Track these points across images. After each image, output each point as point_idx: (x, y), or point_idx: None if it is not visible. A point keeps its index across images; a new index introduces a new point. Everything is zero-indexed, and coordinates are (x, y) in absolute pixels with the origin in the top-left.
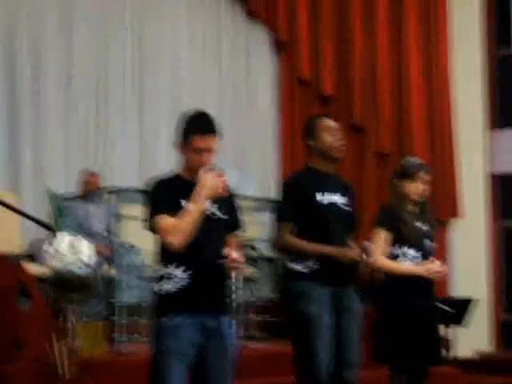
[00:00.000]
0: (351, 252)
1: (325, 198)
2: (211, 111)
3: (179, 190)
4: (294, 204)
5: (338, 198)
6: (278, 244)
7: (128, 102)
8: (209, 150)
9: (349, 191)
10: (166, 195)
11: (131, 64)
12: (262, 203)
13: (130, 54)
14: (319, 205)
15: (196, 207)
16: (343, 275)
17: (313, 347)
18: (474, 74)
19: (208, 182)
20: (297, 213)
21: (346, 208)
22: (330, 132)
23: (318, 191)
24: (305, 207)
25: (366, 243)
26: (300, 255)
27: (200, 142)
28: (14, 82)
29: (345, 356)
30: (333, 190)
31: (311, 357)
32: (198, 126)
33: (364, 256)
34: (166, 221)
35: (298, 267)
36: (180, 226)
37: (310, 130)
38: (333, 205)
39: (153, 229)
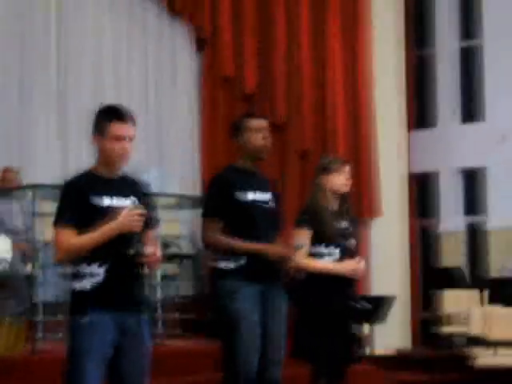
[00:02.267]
0: (280, 249)
1: (250, 195)
2: (134, 107)
3: (92, 187)
4: (220, 201)
5: (262, 196)
6: (206, 241)
7: (51, 101)
8: (128, 138)
9: (273, 189)
10: (73, 200)
11: (54, 61)
12: (184, 200)
13: (54, 50)
14: (244, 202)
15: (99, 237)
16: (270, 272)
17: (240, 345)
18: (393, 74)
19: (124, 220)
20: (222, 209)
21: (271, 206)
22: (258, 132)
23: (244, 189)
24: (230, 204)
25: (299, 242)
26: (227, 252)
27: (119, 128)
28: None
29: (270, 354)
30: (258, 188)
31: (239, 354)
32: (115, 114)
33: (291, 254)
34: (60, 235)
35: (226, 264)
36: (69, 247)
37: (237, 129)
38: (257, 202)
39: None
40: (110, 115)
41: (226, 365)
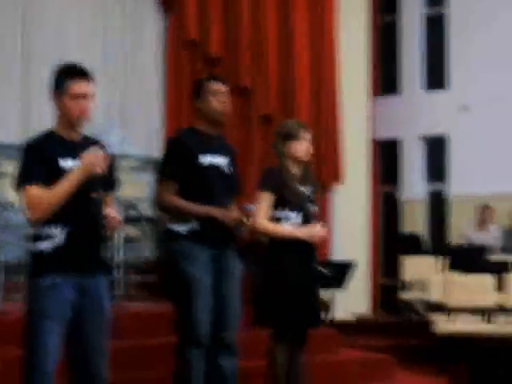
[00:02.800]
0: (232, 214)
1: (207, 159)
2: (97, 70)
3: (54, 149)
4: (177, 163)
5: (220, 160)
6: (159, 203)
7: (12, 59)
8: (86, 96)
9: (231, 154)
10: (37, 159)
11: (19, 21)
12: (145, 163)
13: (18, 12)
14: (201, 165)
15: (68, 184)
16: (223, 236)
17: (192, 307)
18: (358, 41)
19: (88, 161)
20: (179, 172)
21: (228, 170)
22: (217, 95)
23: (201, 152)
24: (187, 167)
25: (248, 206)
26: (181, 215)
27: (76, 87)
28: None
29: (225, 317)
30: (215, 152)
31: (191, 317)
32: (73, 71)
33: (245, 218)
34: (31, 193)
35: (179, 227)
36: (44, 202)
37: (197, 92)
38: (214, 166)
39: (20, 195)
40: (68, 73)
41: (179, 327)
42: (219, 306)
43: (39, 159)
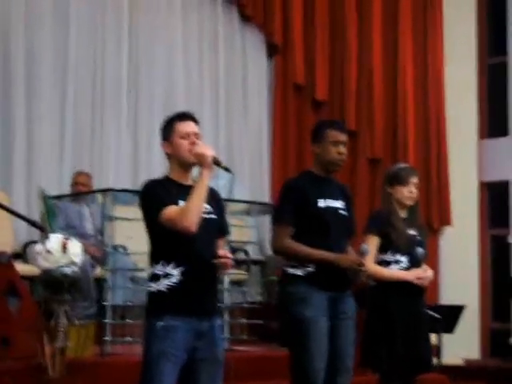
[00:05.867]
0: (349, 257)
1: (324, 202)
2: (205, 114)
3: (174, 191)
4: (294, 208)
5: (336, 203)
6: (276, 247)
7: (123, 105)
8: (195, 135)
9: (346, 196)
10: (163, 191)
11: (126, 67)
12: (253, 207)
13: (126, 57)
14: (319, 210)
15: (197, 188)
16: (340, 280)
17: (309, 352)
18: (467, 82)
19: (202, 151)
20: (295, 216)
21: (344, 213)
22: (337, 146)
23: (318, 196)
24: (304, 212)
25: (364, 246)
26: (298, 259)
27: (184, 126)
28: (8, 82)
29: (340, 361)
30: (331, 195)
31: (307, 361)
32: (177, 116)
33: (362, 261)
34: (172, 209)
35: (296, 271)
36: (188, 208)
37: (318, 137)
38: (332, 210)
39: (157, 226)
40: (173, 119)
41: (293, 372)
42: (335, 350)
43: (163, 192)
